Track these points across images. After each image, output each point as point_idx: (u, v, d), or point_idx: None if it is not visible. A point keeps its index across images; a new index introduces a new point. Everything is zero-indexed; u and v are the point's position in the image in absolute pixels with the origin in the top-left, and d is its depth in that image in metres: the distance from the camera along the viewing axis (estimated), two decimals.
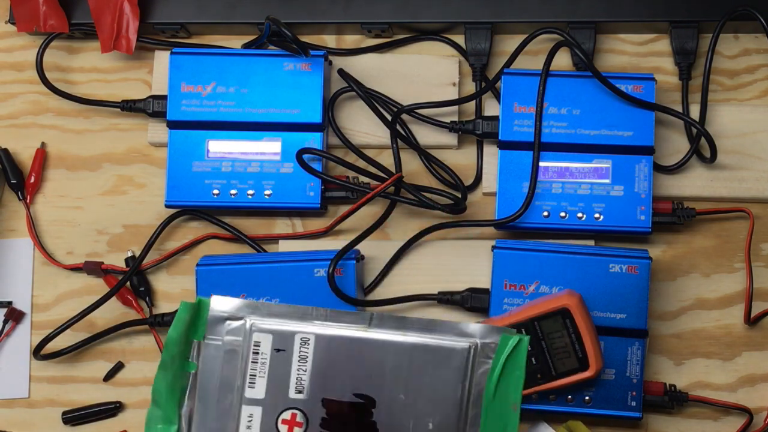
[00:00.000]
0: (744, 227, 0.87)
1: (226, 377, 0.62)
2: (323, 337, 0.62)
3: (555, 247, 0.83)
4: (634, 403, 0.82)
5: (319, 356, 0.62)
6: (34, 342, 0.88)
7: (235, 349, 0.62)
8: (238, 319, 0.63)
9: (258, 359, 0.62)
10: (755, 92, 0.90)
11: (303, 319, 0.62)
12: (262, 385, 0.62)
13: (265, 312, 0.62)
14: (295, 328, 0.62)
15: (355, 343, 0.63)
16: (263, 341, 0.62)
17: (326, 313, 0.62)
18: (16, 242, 0.91)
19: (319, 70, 0.87)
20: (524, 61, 0.89)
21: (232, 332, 0.62)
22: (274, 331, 0.62)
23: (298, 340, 0.62)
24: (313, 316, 0.62)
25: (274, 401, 0.62)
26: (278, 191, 0.86)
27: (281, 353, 0.62)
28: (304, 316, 0.62)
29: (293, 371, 0.62)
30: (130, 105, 0.90)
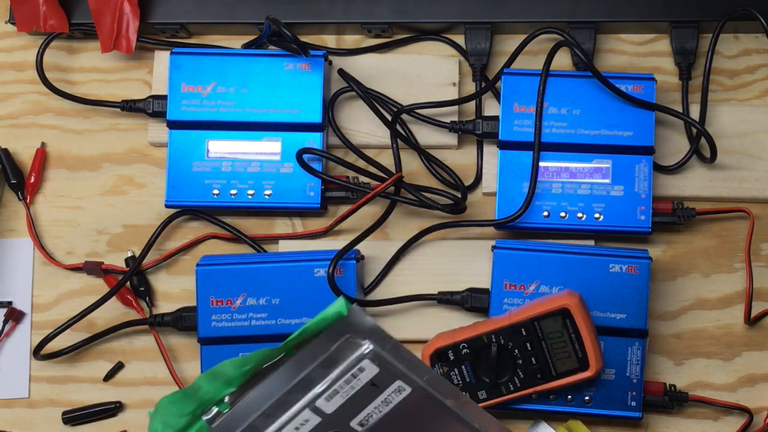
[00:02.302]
0: (744, 227, 0.87)
1: (311, 377, 0.61)
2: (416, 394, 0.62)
3: (555, 247, 0.83)
4: (634, 403, 0.82)
5: (401, 407, 0.61)
6: (34, 342, 0.88)
7: (338, 360, 0.61)
8: (360, 338, 0.61)
9: (351, 382, 0.61)
10: (755, 92, 0.90)
11: (411, 369, 0.61)
12: (337, 404, 0.61)
13: (388, 347, 0.61)
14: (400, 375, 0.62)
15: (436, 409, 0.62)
16: (368, 370, 0.61)
17: (432, 376, 0.61)
18: (16, 242, 0.91)
19: (319, 70, 0.87)
20: (524, 61, 0.89)
21: (347, 346, 0.61)
22: (383, 367, 0.61)
23: (395, 386, 0.62)
24: (420, 372, 0.61)
25: (335, 421, 0.61)
26: (278, 191, 0.87)
27: (373, 387, 0.62)
28: (413, 368, 0.61)
29: (370, 407, 0.62)
30: (130, 105, 0.90)
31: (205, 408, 0.60)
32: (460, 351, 0.80)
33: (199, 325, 0.83)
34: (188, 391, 0.60)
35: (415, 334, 0.85)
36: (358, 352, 0.61)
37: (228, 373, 0.60)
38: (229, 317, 0.83)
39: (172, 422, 0.60)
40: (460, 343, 0.80)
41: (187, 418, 0.60)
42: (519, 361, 0.80)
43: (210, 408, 0.60)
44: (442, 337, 0.82)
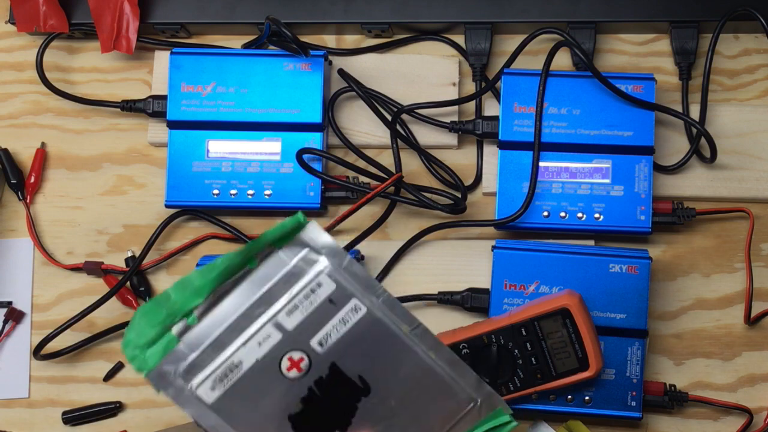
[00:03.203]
0: (744, 227, 0.87)
1: (273, 293, 0.63)
2: (371, 315, 0.63)
3: (555, 247, 0.83)
4: (634, 403, 0.82)
5: (357, 328, 0.63)
6: (34, 342, 0.88)
7: (297, 276, 0.63)
8: (317, 253, 0.63)
9: (310, 297, 0.63)
10: (755, 92, 0.90)
11: (367, 289, 0.63)
12: (297, 320, 0.63)
13: (342, 264, 0.63)
14: (355, 293, 0.63)
15: (390, 337, 0.64)
16: (325, 286, 0.64)
17: (387, 297, 0.63)
18: (16, 242, 0.91)
19: (319, 70, 0.87)
20: (524, 61, 0.89)
21: (306, 261, 0.64)
22: (339, 284, 0.63)
23: (351, 304, 0.63)
24: (376, 293, 0.63)
25: (295, 338, 0.63)
26: (278, 191, 0.87)
27: (330, 305, 0.63)
28: (369, 288, 0.63)
29: (328, 325, 0.63)
30: (130, 105, 0.90)
31: (175, 318, 0.62)
32: (460, 351, 0.80)
33: None
34: (159, 299, 0.62)
35: None
36: (316, 267, 0.63)
37: (195, 282, 0.62)
38: None
39: (145, 332, 0.62)
40: (460, 343, 0.80)
41: (158, 328, 0.62)
42: (519, 361, 0.80)
43: (179, 320, 0.62)
44: (442, 337, 0.81)
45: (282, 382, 0.63)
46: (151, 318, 0.62)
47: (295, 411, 0.63)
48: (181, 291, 0.62)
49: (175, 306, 0.62)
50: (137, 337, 0.62)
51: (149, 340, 0.62)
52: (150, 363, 0.62)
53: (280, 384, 0.63)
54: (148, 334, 0.62)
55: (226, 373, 0.62)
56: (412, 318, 0.64)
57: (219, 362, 0.62)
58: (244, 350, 0.63)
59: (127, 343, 0.62)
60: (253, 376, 0.63)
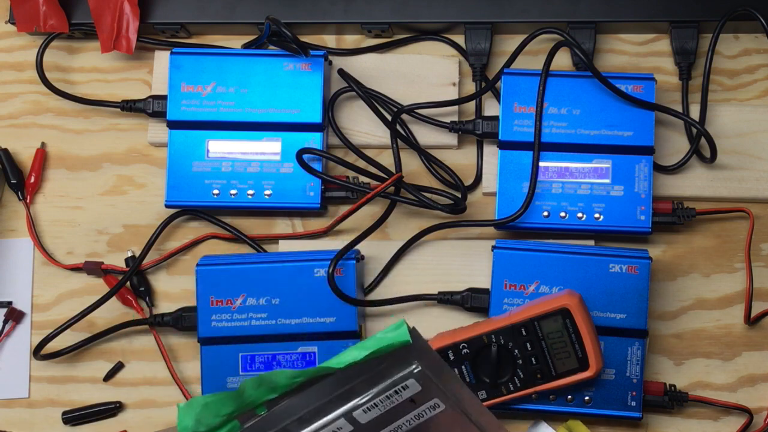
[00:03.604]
0: (744, 227, 0.87)
1: (354, 389, 0.60)
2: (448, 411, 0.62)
3: (555, 247, 0.83)
4: (634, 403, 0.82)
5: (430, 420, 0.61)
6: (34, 342, 0.88)
7: (384, 376, 0.60)
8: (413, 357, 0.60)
9: (393, 397, 0.61)
10: (755, 92, 0.90)
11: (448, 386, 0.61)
12: (372, 416, 0.61)
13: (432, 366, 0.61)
14: (439, 394, 0.62)
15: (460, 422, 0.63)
16: (411, 388, 0.61)
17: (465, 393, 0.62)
18: (16, 242, 0.91)
19: (319, 70, 0.87)
20: (524, 61, 0.89)
21: (395, 363, 0.60)
22: (425, 385, 0.61)
23: (432, 403, 0.62)
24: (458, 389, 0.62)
25: (366, 430, 0.61)
26: (278, 191, 0.87)
27: (410, 404, 0.62)
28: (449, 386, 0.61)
29: (402, 420, 0.62)
30: (130, 105, 0.90)
31: (244, 411, 0.60)
32: (460, 351, 0.80)
33: (199, 324, 0.83)
34: (232, 394, 0.59)
35: None
36: (407, 370, 0.61)
37: (277, 382, 0.60)
38: (229, 317, 0.83)
39: (207, 420, 0.59)
40: (460, 343, 0.80)
41: (224, 418, 0.59)
42: (519, 361, 0.80)
43: (247, 410, 0.60)
44: (442, 337, 0.82)
45: None
46: (219, 408, 0.60)
47: None
48: (258, 388, 0.59)
49: (248, 400, 0.60)
50: (197, 424, 0.59)
51: (211, 428, 0.59)
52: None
53: None
54: (212, 423, 0.59)
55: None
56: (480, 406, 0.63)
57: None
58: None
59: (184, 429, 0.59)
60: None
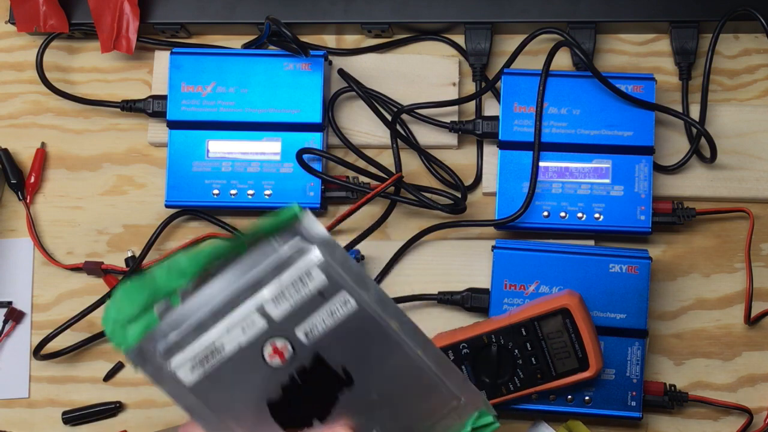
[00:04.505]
0: (744, 227, 0.87)
1: (261, 279, 0.62)
2: (361, 310, 0.63)
3: (555, 247, 0.83)
4: (634, 403, 0.82)
5: (345, 321, 0.63)
6: (34, 342, 0.88)
7: (287, 265, 0.62)
8: (310, 243, 0.62)
9: (299, 287, 0.62)
10: (755, 92, 0.90)
11: (358, 283, 0.63)
12: (283, 309, 0.62)
13: (337, 258, 0.62)
14: (346, 287, 0.63)
15: (378, 332, 0.63)
16: (316, 279, 0.62)
17: (378, 292, 0.63)
18: (16, 242, 0.91)
19: (319, 70, 0.87)
20: (524, 61, 0.89)
21: (298, 251, 0.62)
22: (330, 276, 0.62)
23: (341, 298, 0.63)
24: (367, 287, 0.63)
25: (280, 327, 0.62)
26: (278, 191, 0.87)
27: (319, 297, 0.63)
28: (360, 282, 0.63)
29: (315, 316, 0.63)
30: (130, 105, 0.90)
31: (158, 298, 0.61)
32: (460, 351, 0.80)
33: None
34: (143, 278, 0.61)
35: None
36: (308, 258, 0.62)
37: (182, 264, 0.61)
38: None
39: (125, 309, 0.61)
40: (460, 343, 0.80)
41: (140, 306, 0.61)
42: (519, 361, 0.80)
43: (162, 299, 0.61)
44: (442, 337, 0.82)
45: (263, 369, 0.62)
46: (134, 296, 0.61)
47: (274, 398, 0.62)
48: (167, 271, 0.61)
49: (159, 285, 0.61)
50: (117, 313, 0.61)
51: (130, 316, 0.61)
52: (130, 340, 0.61)
53: (262, 370, 0.62)
54: (129, 311, 0.61)
55: (207, 356, 0.62)
56: (401, 314, 0.64)
57: (200, 345, 0.62)
58: (227, 335, 0.62)
59: (107, 319, 0.61)
60: (234, 361, 0.62)
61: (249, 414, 0.63)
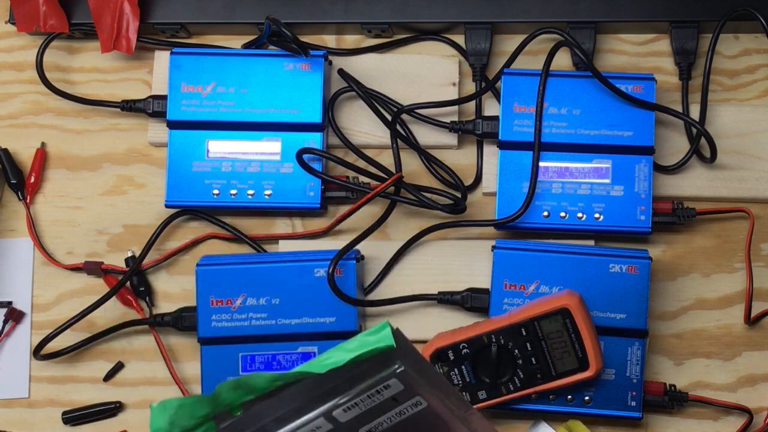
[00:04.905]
0: (744, 227, 0.87)
1: (335, 388, 0.58)
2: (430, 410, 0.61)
3: (555, 247, 0.83)
4: (634, 403, 0.82)
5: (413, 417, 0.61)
6: (34, 342, 0.88)
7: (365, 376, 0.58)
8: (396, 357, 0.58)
9: (374, 396, 0.59)
10: (755, 92, 0.90)
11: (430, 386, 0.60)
12: (352, 415, 0.60)
13: (414, 364, 0.59)
14: (421, 392, 0.60)
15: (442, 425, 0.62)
16: (392, 387, 0.59)
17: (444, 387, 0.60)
18: (16, 242, 0.91)
19: (319, 70, 0.87)
20: (524, 61, 0.89)
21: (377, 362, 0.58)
22: (407, 384, 0.59)
23: (414, 401, 0.60)
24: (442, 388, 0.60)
25: (346, 429, 0.60)
26: (278, 191, 0.87)
27: (392, 403, 0.60)
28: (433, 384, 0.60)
29: (383, 418, 0.60)
30: (130, 105, 0.90)
31: (219, 413, 0.58)
32: (460, 351, 0.80)
33: (199, 324, 0.83)
34: (207, 397, 0.57)
35: (415, 334, 0.85)
36: (389, 370, 0.59)
37: (256, 385, 0.57)
38: (229, 317, 0.83)
39: (181, 422, 0.57)
40: (460, 343, 0.80)
41: (199, 420, 0.58)
42: (519, 361, 0.80)
43: (222, 412, 0.58)
44: (442, 337, 0.82)
45: None
46: (194, 411, 0.58)
47: None
48: (235, 391, 0.57)
49: (224, 403, 0.58)
50: (171, 426, 0.57)
51: (185, 429, 0.58)
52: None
53: None
54: (186, 425, 0.57)
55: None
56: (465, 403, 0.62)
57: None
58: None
59: (156, 430, 0.57)
60: None
61: None
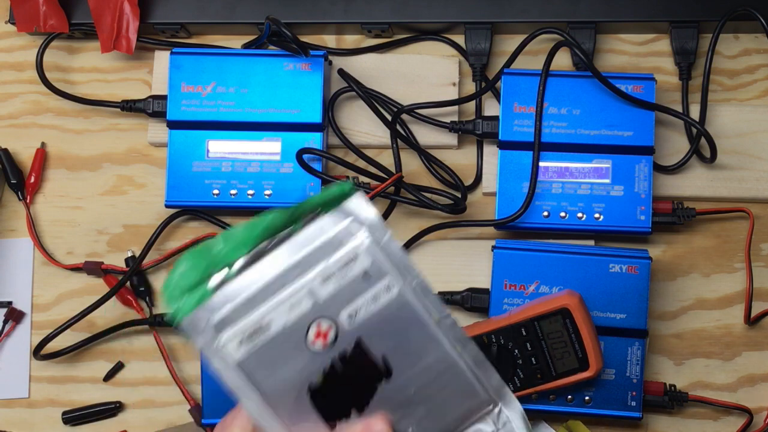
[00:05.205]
0: (744, 227, 0.87)
1: (311, 258, 0.62)
2: (402, 297, 0.63)
3: (555, 247, 0.83)
4: (634, 403, 0.82)
5: (387, 308, 0.63)
6: (34, 342, 0.88)
7: (336, 245, 0.62)
8: (359, 224, 0.62)
9: (345, 269, 0.62)
10: (755, 92, 0.90)
11: (401, 270, 0.63)
12: (329, 290, 0.62)
13: (382, 240, 0.62)
14: (390, 272, 0.63)
15: (418, 323, 0.63)
16: (361, 259, 0.62)
17: (420, 282, 0.63)
18: (16, 242, 0.91)
19: (319, 70, 0.87)
20: (524, 61, 0.89)
21: (347, 231, 0.62)
22: (375, 259, 0.62)
23: (385, 282, 0.63)
24: (410, 275, 0.63)
25: (325, 308, 0.62)
26: (278, 191, 0.87)
27: (364, 280, 0.62)
28: (403, 269, 0.63)
29: (359, 300, 0.63)
30: (130, 105, 0.90)
31: (214, 270, 0.62)
32: None
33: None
34: (206, 245, 0.62)
35: None
36: (356, 239, 0.62)
37: (240, 235, 0.61)
38: None
39: (188, 275, 0.61)
40: None
41: (198, 276, 0.61)
42: (519, 361, 0.80)
43: (219, 270, 0.61)
44: None
45: (306, 352, 0.62)
46: (197, 262, 0.61)
47: (315, 383, 0.62)
48: (223, 242, 0.62)
49: (215, 256, 0.62)
50: (180, 279, 0.61)
51: (188, 286, 0.61)
52: (185, 309, 0.61)
53: (305, 353, 0.62)
54: (188, 281, 0.61)
55: (254, 332, 0.61)
56: (442, 308, 0.64)
57: (249, 320, 0.61)
58: (274, 312, 0.62)
59: (167, 286, 0.61)
60: (280, 340, 0.62)
61: (289, 400, 0.62)
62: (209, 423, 0.84)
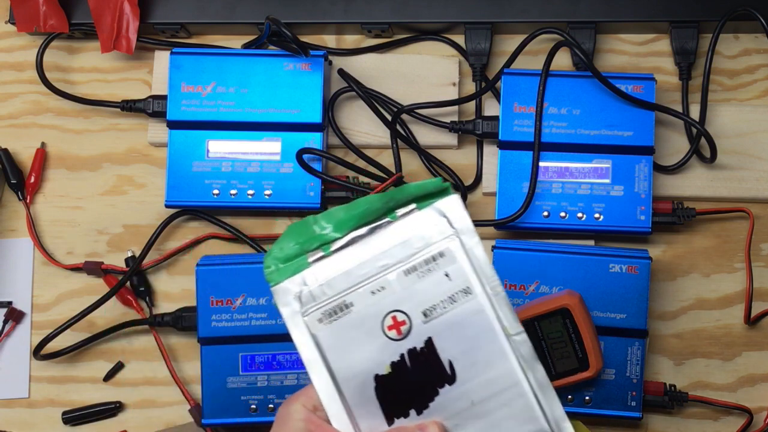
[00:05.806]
0: (744, 227, 0.87)
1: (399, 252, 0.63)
2: (479, 305, 0.63)
3: (555, 247, 0.83)
4: (634, 403, 0.82)
5: (462, 312, 0.63)
6: (34, 342, 0.88)
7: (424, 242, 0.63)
8: (451, 226, 0.63)
9: (429, 266, 0.63)
10: (755, 92, 0.90)
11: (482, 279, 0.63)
12: (411, 285, 0.63)
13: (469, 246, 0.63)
14: (470, 276, 0.63)
15: (490, 334, 0.63)
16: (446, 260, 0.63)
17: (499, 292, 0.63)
18: (16, 242, 0.91)
19: (319, 70, 0.87)
20: (524, 61, 0.89)
21: (437, 231, 0.63)
22: (459, 263, 0.63)
23: (464, 285, 0.63)
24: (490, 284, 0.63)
25: (405, 301, 0.63)
26: (278, 191, 0.87)
27: (445, 279, 0.63)
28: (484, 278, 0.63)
29: (437, 299, 0.63)
30: (130, 105, 0.90)
31: (314, 244, 0.63)
32: None
33: (200, 324, 0.83)
34: (309, 221, 0.64)
35: None
36: (446, 240, 0.63)
37: (340, 215, 0.63)
38: (229, 317, 0.83)
39: (287, 247, 0.63)
40: None
41: (299, 247, 0.63)
42: None
43: (317, 247, 0.63)
44: None
45: (379, 339, 0.63)
46: (297, 236, 0.63)
47: (382, 373, 0.62)
48: (325, 220, 0.63)
49: (315, 233, 0.63)
50: (279, 250, 0.63)
51: (288, 255, 0.63)
52: (280, 276, 0.63)
53: (377, 340, 0.63)
54: (289, 250, 0.63)
55: (336, 310, 0.62)
56: (516, 323, 0.63)
57: (334, 299, 0.63)
58: (358, 295, 0.63)
59: (269, 254, 0.63)
60: (357, 323, 0.63)
61: (355, 385, 0.62)
62: (209, 423, 0.84)
